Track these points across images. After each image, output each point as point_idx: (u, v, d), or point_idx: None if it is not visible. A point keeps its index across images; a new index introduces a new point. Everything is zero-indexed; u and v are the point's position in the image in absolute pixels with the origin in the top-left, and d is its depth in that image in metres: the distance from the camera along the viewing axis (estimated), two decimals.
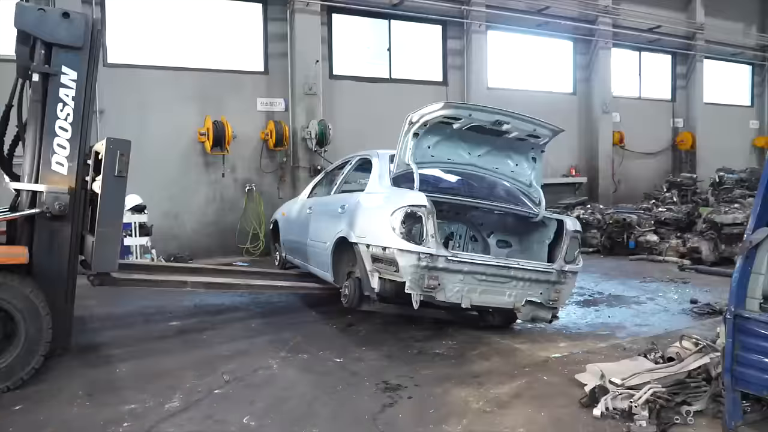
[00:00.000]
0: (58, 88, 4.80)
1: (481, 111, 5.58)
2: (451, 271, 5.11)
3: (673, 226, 11.48)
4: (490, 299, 5.38)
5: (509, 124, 5.65)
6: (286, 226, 8.29)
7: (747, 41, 19.05)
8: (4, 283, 4.40)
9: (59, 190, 4.75)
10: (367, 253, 5.33)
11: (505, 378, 4.63)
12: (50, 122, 4.80)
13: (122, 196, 4.99)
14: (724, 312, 3.75)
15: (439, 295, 5.11)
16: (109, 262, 4.99)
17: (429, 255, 4.97)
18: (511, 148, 6.08)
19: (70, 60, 4.83)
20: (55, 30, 4.75)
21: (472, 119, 5.53)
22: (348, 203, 6.03)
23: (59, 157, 4.83)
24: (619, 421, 3.69)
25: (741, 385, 3.62)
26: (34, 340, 4.47)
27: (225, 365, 5.00)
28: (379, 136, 12.45)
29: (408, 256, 4.95)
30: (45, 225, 4.78)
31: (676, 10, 17.38)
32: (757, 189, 11.29)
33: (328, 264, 6.22)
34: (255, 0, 11.56)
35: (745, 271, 3.65)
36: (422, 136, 5.57)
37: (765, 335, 3.55)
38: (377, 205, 5.58)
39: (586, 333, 6.02)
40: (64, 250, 4.86)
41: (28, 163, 4.86)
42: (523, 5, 14.44)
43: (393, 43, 13.27)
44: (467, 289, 5.21)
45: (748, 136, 19.58)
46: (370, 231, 5.37)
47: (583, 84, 15.91)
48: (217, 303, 7.47)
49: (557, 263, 5.60)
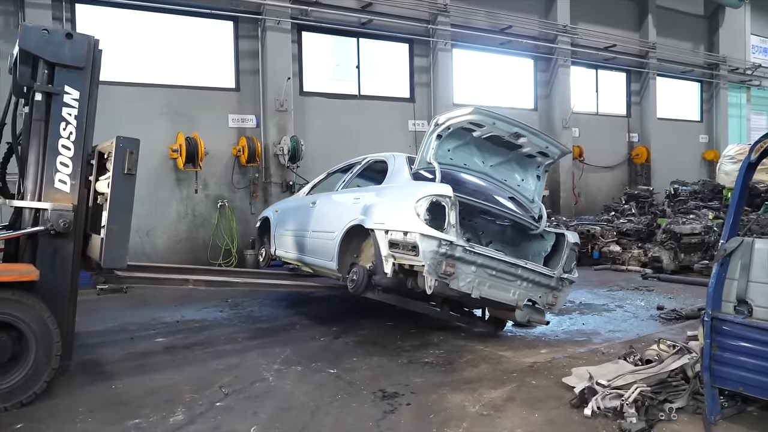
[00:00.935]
0: (61, 107, 4.88)
1: (503, 122, 5.90)
2: (466, 262, 5.32)
3: (634, 236, 11.99)
4: (497, 294, 5.61)
5: (525, 137, 6.02)
6: (281, 221, 8.33)
7: (695, 59, 20.05)
8: (19, 301, 4.41)
9: (64, 208, 4.80)
10: (385, 238, 5.49)
11: (496, 383, 4.85)
12: (53, 141, 4.87)
13: (131, 194, 5.02)
14: (701, 315, 4.04)
15: (453, 282, 5.29)
16: (119, 259, 4.99)
17: (449, 243, 5.16)
18: (520, 163, 6.47)
19: (73, 80, 4.92)
20: (58, 50, 4.83)
21: (494, 128, 5.85)
22: (364, 195, 6.23)
23: (62, 175, 4.89)
24: (610, 420, 3.94)
25: (719, 382, 3.94)
26: (42, 359, 4.47)
27: (220, 379, 5.07)
28: (348, 151, 12.64)
29: (429, 242, 5.11)
30: (48, 242, 4.82)
31: (630, 29, 18.20)
32: (710, 200, 11.89)
33: (334, 253, 6.33)
34: (226, 18, 11.65)
35: (720, 277, 3.96)
36: (445, 139, 5.89)
37: (739, 335, 3.87)
38: (401, 194, 5.80)
39: (564, 340, 6.30)
40: (67, 267, 4.90)
41: (30, 181, 4.91)
42: (487, 24, 14.91)
43: (362, 61, 13.52)
44: (478, 281, 5.43)
45: (698, 150, 20.52)
46: (391, 217, 5.53)
47: (544, 100, 16.46)
48: (199, 318, 7.50)
49: (557, 270, 5.93)
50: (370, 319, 7.23)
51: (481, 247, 5.74)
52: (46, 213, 4.78)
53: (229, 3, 11.44)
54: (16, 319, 4.39)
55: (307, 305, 8.28)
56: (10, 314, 4.37)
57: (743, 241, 3.93)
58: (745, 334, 3.83)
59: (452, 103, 14.32)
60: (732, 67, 20.89)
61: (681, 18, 19.75)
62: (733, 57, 20.94)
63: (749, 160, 3.85)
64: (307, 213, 7.41)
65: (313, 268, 7.32)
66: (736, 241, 3.92)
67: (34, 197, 4.88)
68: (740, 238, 3.94)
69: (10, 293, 4.39)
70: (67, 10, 10.05)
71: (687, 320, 6.90)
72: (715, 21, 20.67)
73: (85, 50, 4.95)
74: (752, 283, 3.87)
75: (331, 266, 6.46)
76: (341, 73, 13.55)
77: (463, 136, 6.02)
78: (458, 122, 5.74)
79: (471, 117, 5.71)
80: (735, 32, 21.27)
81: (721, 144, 20.03)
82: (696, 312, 7.01)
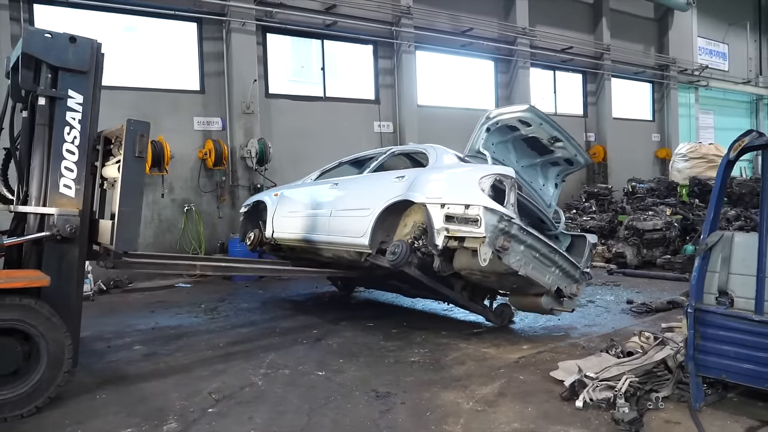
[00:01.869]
0: (64, 111, 4.87)
1: (549, 124, 6.28)
2: (518, 240, 5.54)
3: (598, 233, 12.30)
4: (536, 276, 5.81)
5: (562, 143, 6.42)
6: (285, 204, 8.08)
7: (647, 61, 20.75)
8: (30, 307, 4.38)
9: (70, 213, 4.80)
10: (440, 212, 5.59)
11: (485, 380, 4.94)
12: (57, 145, 4.86)
13: (142, 176, 5.09)
14: (685, 306, 4.21)
15: (505, 258, 5.47)
16: (130, 242, 5.01)
17: (510, 219, 5.39)
18: (544, 168, 6.93)
19: (77, 84, 4.91)
20: (62, 54, 4.83)
21: (539, 128, 6.25)
22: (408, 174, 6.35)
23: (67, 179, 4.89)
24: (602, 411, 4.07)
25: (702, 371, 4.12)
26: (54, 364, 4.46)
27: (208, 385, 5.01)
28: (315, 153, 12.72)
29: (492, 215, 5.32)
30: (54, 248, 4.81)
31: (586, 32, 18.70)
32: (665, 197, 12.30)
33: (367, 229, 6.28)
34: (190, 19, 11.46)
35: (702, 270, 4.14)
36: (492, 133, 6.26)
37: (721, 325, 4.05)
38: (460, 172, 6.05)
39: (543, 335, 6.44)
40: (73, 272, 4.90)
41: (35, 187, 4.88)
42: (449, 27, 15.09)
43: (327, 63, 13.51)
44: (524, 261, 5.65)
45: (651, 149, 21.23)
46: (450, 193, 5.69)
47: (505, 101, 16.68)
48: (175, 325, 7.37)
49: (582, 265, 6.27)
50: (349, 322, 7.24)
51: (531, 229, 5.87)
52: (52, 218, 4.76)
53: (192, 4, 11.26)
54: (28, 325, 4.36)
55: (283, 309, 8.23)
56: (22, 321, 4.34)
57: (723, 236, 4.11)
58: (726, 324, 4.02)
59: (416, 104, 14.45)
60: (681, 68, 21.69)
61: (633, 21, 20.40)
62: (682, 58, 21.75)
63: (728, 158, 4.03)
64: (327, 194, 7.32)
65: (330, 248, 7.10)
66: (716, 236, 4.11)
67: (39, 202, 4.85)
68: (720, 233, 4.13)
69: (20, 299, 4.36)
70: (25, 11, 9.73)
71: (657, 313, 7.15)
72: (665, 24, 21.41)
73: (88, 54, 4.96)
74: (732, 275, 4.06)
75: (362, 242, 6.37)
76: (306, 75, 13.50)
77: (505, 133, 6.44)
78: (509, 118, 6.14)
79: (523, 114, 6.11)
80: (683, 35, 22.08)
81: (672, 142, 20.78)
82: (665, 305, 7.28)
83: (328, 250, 7.16)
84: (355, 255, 6.69)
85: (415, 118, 14.36)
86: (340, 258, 7.08)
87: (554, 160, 6.74)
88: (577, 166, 6.80)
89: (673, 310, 7.15)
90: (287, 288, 9.85)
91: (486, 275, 5.79)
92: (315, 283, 10.11)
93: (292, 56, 13.54)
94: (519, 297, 6.44)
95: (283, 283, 10.40)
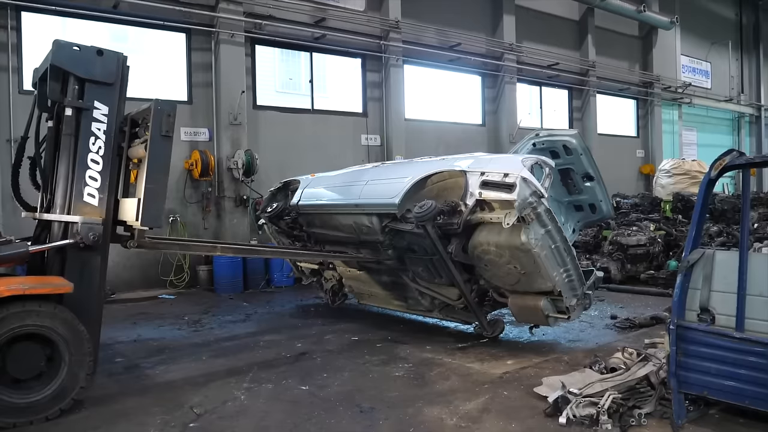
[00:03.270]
0: (90, 122, 5.03)
1: (587, 157, 6.64)
2: (541, 221, 5.70)
3: (582, 248, 12.37)
4: (546, 266, 5.82)
5: (593, 183, 6.67)
6: (322, 180, 8.22)
7: (632, 78, 21.01)
8: (54, 314, 4.52)
9: (94, 221, 4.90)
10: (478, 178, 5.90)
11: (469, 395, 4.93)
12: (83, 155, 4.99)
13: (168, 155, 5.19)
14: (654, 323, 4.25)
15: (525, 231, 5.62)
16: (155, 218, 5.12)
17: (541, 195, 5.63)
18: (568, 209, 7.08)
19: (103, 95, 5.06)
20: (89, 67, 5.00)
21: (578, 159, 6.50)
22: (454, 157, 6.79)
23: (91, 188, 5.01)
24: (585, 427, 4.08)
25: (684, 387, 4.14)
26: (75, 370, 4.60)
27: (190, 399, 4.97)
28: (302, 165, 12.70)
29: (527, 187, 5.57)
30: (77, 255, 4.90)
31: (572, 48, 18.92)
32: (649, 212, 12.43)
33: (401, 191, 6.43)
34: (179, 30, 11.46)
35: (684, 287, 4.18)
36: (535, 150, 6.47)
37: (702, 342, 4.08)
38: (505, 155, 6.54)
39: (527, 350, 6.45)
40: (95, 279, 4.99)
41: (60, 195, 5.01)
42: (437, 41, 15.21)
43: (315, 75, 13.54)
44: (540, 243, 5.73)
45: (636, 164, 21.44)
46: (492, 165, 6.01)
47: (492, 116, 16.86)
48: (158, 337, 7.31)
49: (587, 283, 6.36)
50: (333, 335, 7.23)
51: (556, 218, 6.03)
52: (76, 226, 4.85)
53: (181, 15, 11.26)
54: (52, 330, 4.49)
55: (268, 322, 8.19)
56: (46, 326, 4.47)
57: (705, 253, 4.16)
58: (708, 341, 4.05)
59: (404, 118, 14.51)
60: (665, 85, 21.96)
61: (618, 38, 20.68)
62: (666, 76, 22.04)
63: (710, 176, 4.09)
64: (364, 171, 7.70)
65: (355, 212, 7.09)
66: (698, 253, 4.15)
67: (64, 210, 4.98)
68: (702, 250, 4.17)
69: (44, 305, 4.49)
70: (12, 18, 9.69)
71: (641, 328, 7.19)
72: (649, 42, 21.72)
73: (114, 66, 5.12)
74: (714, 292, 4.10)
75: (392, 202, 6.48)
76: (294, 87, 13.52)
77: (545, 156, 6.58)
78: (556, 139, 6.35)
79: (569, 139, 6.41)
80: (667, 52, 22.41)
81: (656, 158, 21.00)
82: (649, 321, 7.32)
83: (351, 216, 7.14)
84: (377, 223, 6.75)
85: (402, 131, 14.41)
86: (360, 227, 7.05)
87: (579, 203, 6.83)
88: (598, 215, 6.94)
89: (656, 326, 7.18)
90: (272, 301, 9.80)
91: (500, 252, 5.85)
92: (300, 296, 10.08)
93: (281, 68, 13.57)
94: (519, 298, 6.35)
95: (268, 295, 10.35)
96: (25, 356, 4.45)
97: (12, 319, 4.35)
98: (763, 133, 27.72)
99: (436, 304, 7.15)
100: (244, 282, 10.95)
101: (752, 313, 3.94)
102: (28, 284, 4.53)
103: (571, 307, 6.18)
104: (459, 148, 15.77)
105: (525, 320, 6.52)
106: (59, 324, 4.52)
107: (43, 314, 4.46)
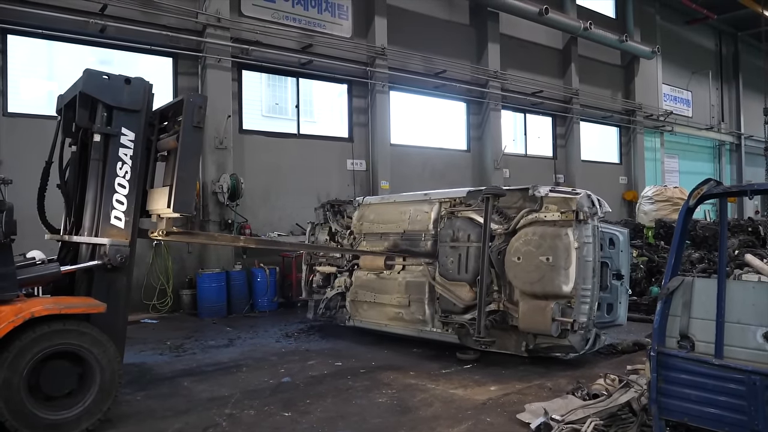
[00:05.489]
0: (117, 147, 5.22)
1: (627, 256, 7.24)
2: (590, 229, 6.35)
3: None
4: (576, 266, 6.26)
5: (620, 282, 7.04)
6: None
7: (614, 106, 21.38)
8: (86, 333, 4.65)
9: (121, 243, 5.10)
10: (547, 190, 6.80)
11: (452, 422, 4.92)
12: (110, 179, 5.18)
13: (200, 145, 5.46)
14: (637, 349, 4.28)
15: (576, 228, 6.30)
16: (187, 205, 5.27)
17: (594, 213, 6.43)
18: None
19: (130, 122, 5.29)
20: (117, 95, 5.23)
21: (617, 255, 7.02)
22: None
23: (117, 212, 5.19)
24: None
25: (665, 414, 4.14)
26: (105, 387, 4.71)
27: (170, 426, 4.92)
28: (287, 189, 12.78)
29: (588, 199, 6.50)
30: (104, 276, 5.10)
31: (555, 76, 19.24)
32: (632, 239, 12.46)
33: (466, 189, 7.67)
34: (166, 54, 11.54)
35: (664, 314, 4.21)
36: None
37: (682, 369, 4.10)
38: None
39: (510, 377, 6.43)
40: (121, 299, 5.15)
41: (88, 218, 5.20)
42: (422, 68, 15.40)
43: (301, 100, 13.64)
44: (580, 245, 6.29)
45: (619, 191, 21.70)
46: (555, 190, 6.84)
47: (476, 142, 17.03)
48: (139, 362, 7.22)
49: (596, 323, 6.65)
50: (317, 361, 7.19)
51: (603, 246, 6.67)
52: (104, 248, 5.05)
53: (168, 40, 11.31)
54: (83, 349, 4.61)
55: (251, 347, 8.12)
56: (78, 345, 4.59)
57: (684, 280, 4.21)
58: (687, 368, 4.07)
59: (390, 143, 14.61)
60: (647, 113, 22.36)
61: (601, 67, 21.08)
62: (648, 104, 22.46)
63: (688, 205, 4.16)
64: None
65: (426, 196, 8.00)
66: (677, 280, 4.19)
67: (92, 233, 5.16)
68: (681, 278, 4.21)
69: (77, 324, 4.64)
70: None
71: (623, 354, 7.22)
72: (631, 70, 22.16)
73: (141, 94, 5.37)
74: (693, 319, 4.13)
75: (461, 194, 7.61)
76: (281, 112, 13.61)
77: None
78: (605, 231, 6.96)
79: (617, 233, 7.15)
80: (649, 81, 22.86)
81: (639, 185, 21.27)
82: (631, 347, 7.35)
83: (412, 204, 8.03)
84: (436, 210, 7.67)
85: (388, 156, 14.51)
86: (417, 213, 7.90)
87: (599, 301, 6.83)
88: (611, 318, 7.12)
89: (638, 352, 7.22)
90: (255, 325, 9.73)
91: (540, 242, 6.38)
92: (284, 321, 10.03)
93: (267, 93, 13.67)
94: (530, 299, 6.47)
95: (252, 320, 10.27)
96: (58, 374, 4.54)
97: (52, 336, 4.47)
98: (744, 160, 28.24)
99: (437, 311, 7.34)
100: (228, 306, 10.87)
101: (731, 340, 3.97)
102: (63, 304, 4.64)
103: (579, 324, 6.31)
104: (444, 174, 15.95)
105: (530, 324, 6.50)
106: (91, 343, 4.64)
107: (75, 333, 4.57)
